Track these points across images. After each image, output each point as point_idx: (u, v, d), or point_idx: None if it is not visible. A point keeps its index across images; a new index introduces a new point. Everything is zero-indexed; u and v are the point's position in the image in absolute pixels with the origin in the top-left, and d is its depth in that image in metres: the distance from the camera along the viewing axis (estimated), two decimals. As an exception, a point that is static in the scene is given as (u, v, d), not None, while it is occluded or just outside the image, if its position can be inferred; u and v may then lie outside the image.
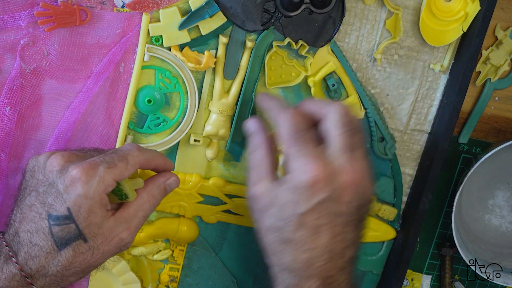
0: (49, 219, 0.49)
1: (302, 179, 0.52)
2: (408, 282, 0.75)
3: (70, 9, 0.57)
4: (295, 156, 0.53)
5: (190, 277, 0.71)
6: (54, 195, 0.50)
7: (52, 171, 0.51)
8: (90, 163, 0.50)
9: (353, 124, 0.55)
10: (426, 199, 0.67)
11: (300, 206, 0.52)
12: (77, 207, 0.49)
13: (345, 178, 0.53)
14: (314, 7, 0.61)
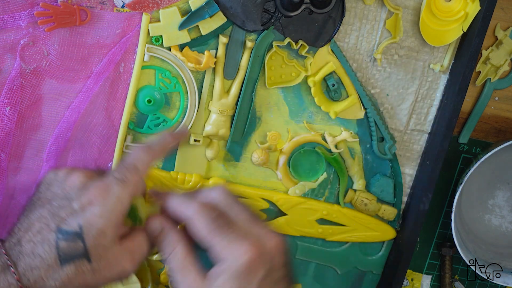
0: (57, 232, 0.49)
1: (241, 263, 0.49)
2: (408, 282, 0.75)
3: (70, 9, 0.57)
4: (224, 245, 0.51)
5: (190, 277, 0.71)
6: (68, 210, 0.50)
7: (72, 187, 0.51)
8: (105, 183, 0.51)
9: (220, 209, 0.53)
10: (426, 199, 0.67)
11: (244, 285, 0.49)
12: (89, 225, 0.49)
13: (271, 244, 0.51)
14: (314, 7, 0.61)
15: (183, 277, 0.52)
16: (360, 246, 0.72)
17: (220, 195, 0.54)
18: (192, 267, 0.53)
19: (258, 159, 0.66)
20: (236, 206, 0.53)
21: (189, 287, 0.52)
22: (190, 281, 0.52)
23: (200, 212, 0.52)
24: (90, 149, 0.63)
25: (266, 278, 0.51)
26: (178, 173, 0.66)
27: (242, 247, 0.50)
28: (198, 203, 0.53)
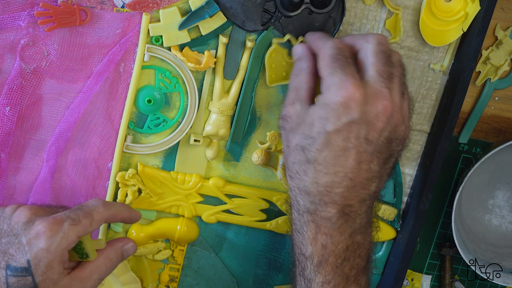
0: (7, 269, 0.50)
1: (336, 96, 0.50)
2: (408, 282, 0.75)
3: (70, 9, 0.57)
4: (333, 73, 0.51)
5: (190, 277, 0.71)
6: (16, 246, 0.51)
7: (18, 223, 0.52)
8: (55, 218, 0.52)
9: (390, 54, 0.54)
10: (426, 199, 0.67)
11: (329, 123, 0.50)
12: (37, 260, 0.50)
13: (380, 104, 0.51)
14: (314, 7, 0.61)
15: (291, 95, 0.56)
16: (360, 246, 0.72)
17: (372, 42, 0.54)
18: (304, 92, 0.55)
19: (258, 159, 0.66)
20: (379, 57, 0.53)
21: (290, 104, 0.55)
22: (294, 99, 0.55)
23: (329, 46, 0.54)
24: (90, 149, 0.63)
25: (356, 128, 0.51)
26: (178, 173, 0.66)
27: (346, 83, 0.50)
28: (333, 40, 0.55)
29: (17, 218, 0.53)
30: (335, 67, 0.52)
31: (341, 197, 0.52)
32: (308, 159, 0.52)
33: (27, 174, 0.63)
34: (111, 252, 0.57)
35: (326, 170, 0.51)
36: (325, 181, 0.52)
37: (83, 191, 0.64)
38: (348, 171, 0.51)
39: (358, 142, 0.51)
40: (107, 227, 0.67)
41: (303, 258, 0.54)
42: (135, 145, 0.64)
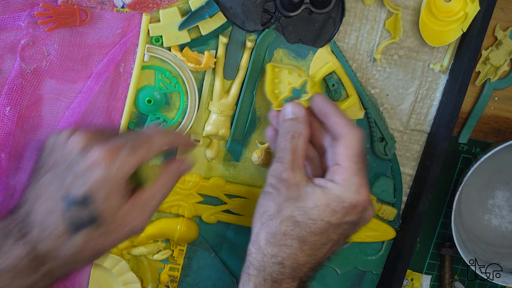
0: (65, 201, 0.48)
1: (353, 197, 0.53)
2: (408, 282, 0.75)
3: (70, 9, 0.57)
4: (357, 174, 0.54)
5: (190, 277, 0.71)
6: (73, 177, 0.48)
7: (73, 151, 0.49)
8: (113, 146, 0.49)
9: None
10: (426, 199, 0.67)
11: (335, 217, 0.53)
12: (96, 190, 0.48)
13: (371, 211, 0.55)
14: (314, 7, 0.61)
15: (291, 159, 0.55)
16: (360, 246, 0.72)
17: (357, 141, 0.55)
18: (301, 159, 0.56)
19: (258, 159, 0.66)
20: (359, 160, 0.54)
21: (291, 169, 0.55)
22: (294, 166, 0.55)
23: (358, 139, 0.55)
24: (90, 149, 0.63)
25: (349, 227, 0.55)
26: (178, 173, 0.66)
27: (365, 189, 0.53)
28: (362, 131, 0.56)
29: (72, 145, 0.49)
30: (359, 168, 0.54)
31: (305, 275, 0.55)
32: (299, 237, 0.53)
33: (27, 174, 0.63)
34: (168, 175, 0.55)
35: (310, 252, 0.54)
36: (302, 260, 0.54)
37: (83, 191, 0.64)
38: (322, 256, 0.55)
39: (341, 237, 0.55)
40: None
41: None
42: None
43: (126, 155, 0.49)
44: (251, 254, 0.54)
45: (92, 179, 0.48)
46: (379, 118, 0.67)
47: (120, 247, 0.67)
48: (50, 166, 0.50)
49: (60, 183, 0.48)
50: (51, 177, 0.49)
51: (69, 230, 0.48)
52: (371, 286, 0.74)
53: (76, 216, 0.48)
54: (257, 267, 0.54)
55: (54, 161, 0.50)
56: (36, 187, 0.50)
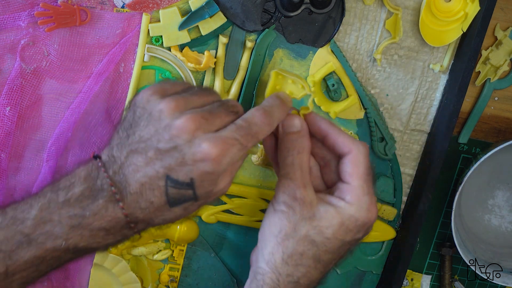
0: (167, 179, 0.47)
1: (366, 216, 0.54)
2: (408, 282, 0.75)
3: (70, 9, 0.57)
4: (368, 193, 0.54)
5: (190, 277, 0.71)
6: (178, 161, 0.47)
7: (179, 136, 0.47)
8: (225, 142, 0.48)
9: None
10: (426, 199, 0.67)
11: (349, 235, 0.54)
12: (201, 180, 0.48)
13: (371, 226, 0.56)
14: (314, 7, 0.61)
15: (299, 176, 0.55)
16: (360, 246, 0.72)
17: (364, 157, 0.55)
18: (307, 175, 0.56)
19: (258, 159, 0.66)
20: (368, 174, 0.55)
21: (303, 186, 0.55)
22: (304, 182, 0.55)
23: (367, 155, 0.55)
24: (90, 149, 0.63)
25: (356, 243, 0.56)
26: (178, 173, 0.66)
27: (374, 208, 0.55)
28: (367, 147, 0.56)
29: (178, 131, 0.47)
30: (369, 186, 0.55)
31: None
32: (315, 256, 0.54)
33: (27, 174, 0.63)
34: None
35: (323, 269, 0.55)
36: (316, 277, 0.55)
37: (83, 191, 0.64)
38: (329, 270, 0.56)
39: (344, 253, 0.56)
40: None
41: None
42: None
43: (237, 150, 0.49)
44: (266, 273, 0.54)
45: (199, 171, 0.47)
46: (379, 118, 0.67)
47: (120, 247, 0.67)
48: (148, 137, 0.48)
49: (163, 161, 0.47)
50: (153, 151, 0.47)
51: (170, 204, 0.49)
52: (371, 286, 0.74)
53: (179, 194, 0.48)
54: (271, 286, 0.54)
55: (154, 133, 0.48)
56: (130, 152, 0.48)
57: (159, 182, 0.48)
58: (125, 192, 0.48)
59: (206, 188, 0.49)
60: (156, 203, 0.48)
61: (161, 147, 0.47)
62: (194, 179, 0.48)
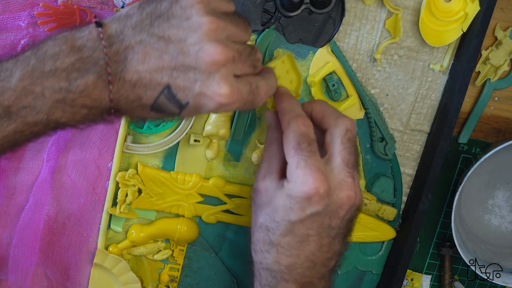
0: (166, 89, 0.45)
1: (301, 190, 0.53)
2: (408, 282, 0.75)
3: (70, 10, 0.57)
4: (297, 166, 0.53)
5: (190, 277, 0.71)
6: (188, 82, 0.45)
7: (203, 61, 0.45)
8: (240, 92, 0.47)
9: (355, 143, 0.57)
10: (426, 199, 0.67)
11: (293, 214, 0.53)
12: (194, 109, 0.47)
13: (344, 194, 0.54)
14: (314, 7, 0.61)
15: (264, 168, 0.57)
16: (360, 246, 0.72)
17: (343, 128, 0.55)
18: (275, 165, 0.57)
19: (258, 159, 0.66)
20: (346, 146, 0.55)
21: (261, 178, 0.57)
22: (265, 173, 0.57)
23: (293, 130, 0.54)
24: (90, 149, 0.63)
25: (319, 219, 0.54)
26: (178, 173, 0.66)
27: (310, 177, 0.52)
28: (297, 120, 0.54)
29: (204, 56, 0.45)
30: (299, 159, 0.53)
31: (301, 276, 0.55)
32: (271, 241, 0.55)
33: (27, 174, 0.63)
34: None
35: (289, 253, 0.54)
36: (286, 262, 0.54)
37: (83, 191, 0.64)
38: (309, 254, 0.54)
39: (321, 229, 0.54)
40: (107, 227, 0.67)
41: None
42: (135, 145, 0.64)
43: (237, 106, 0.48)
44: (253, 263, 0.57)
45: (200, 102, 0.46)
46: (379, 118, 0.67)
47: (120, 247, 0.67)
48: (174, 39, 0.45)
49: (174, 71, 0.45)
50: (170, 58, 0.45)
51: (151, 108, 0.47)
52: (371, 286, 0.74)
53: (166, 106, 0.46)
54: (255, 275, 0.57)
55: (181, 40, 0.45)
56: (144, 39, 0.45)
57: (157, 86, 0.45)
58: (119, 76, 0.45)
59: (191, 114, 0.48)
60: (144, 100, 0.46)
61: (181, 60, 0.45)
62: (189, 105, 0.46)
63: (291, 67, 0.63)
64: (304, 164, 0.53)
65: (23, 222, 0.64)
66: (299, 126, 0.54)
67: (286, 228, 0.54)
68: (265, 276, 0.56)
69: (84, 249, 0.66)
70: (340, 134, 0.55)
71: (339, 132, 0.55)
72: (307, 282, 0.55)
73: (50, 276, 0.66)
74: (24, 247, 0.65)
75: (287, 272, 0.55)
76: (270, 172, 0.57)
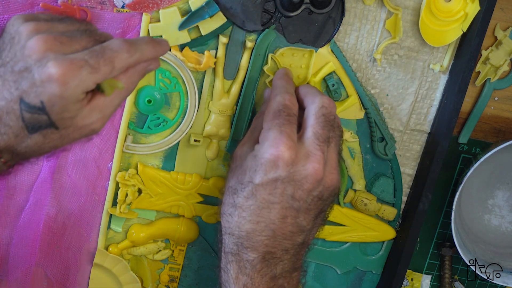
0: (21, 103, 0.46)
1: (266, 152, 0.53)
2: (408, 282, 0.75)
3: (70, 9, 0.57)
4: (270, 129, 0.54)
5: (190, 277, 0.71)
6: (29, 82, 0.46)
7: (30, 56, 0.46)
8: (72, 62, 0.45)
9: (331, 119, 0.56)
10: (426, 199, 0.67)
11: (257, 176, 0.54)
12: (51, 103, 0.46)
13: (311, 166, 0.54)
14: (314, 7, 0.61)
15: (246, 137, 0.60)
16: (360, 246, 0.72)
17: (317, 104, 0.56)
18: (256, 135, 0.57)
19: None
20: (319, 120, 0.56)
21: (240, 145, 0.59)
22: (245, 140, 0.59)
23: (277, 101, 0.56)
24: (90, 149, 0.63)
25: (282, 186, 0.53)
26: (178, 173, 0.66)
27: (278, 141, 0.53)
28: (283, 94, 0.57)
29: (29, 51, 0.46)
30: (274, 124, 0.54)
31: (261, 244, 0.55)
32: (235, 204, 0.55)
33: (27, 174, 0.63)
34: (134, 74, 0.51)
35: (250, 218, 0.54)
36: (247, 228, 0.54)
37: (83, 191, 0.64)
38: (270, 223, 0.54)
39: (284, 198, 0.54)
40: (107, 227, 0.67)
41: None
42: (135, 145, 0.64)
43: (87, 73, 0.46)
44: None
45: (48, 93, 0.46)
46: (379, 118, 0.67)
47: (120, 247, 0.67)
48: (8, 60, 0.47)
49: (17, 83, 0.46)
50: (9, 72, 0.46)
51: (28, 130, 0.47)
52: (371, 286, 0.74)
53: (34, 119, 0.47)
54: (220, 241, 0.58)
55: (13, 56, 0.47)
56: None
57: (14, 105, 0.46)
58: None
59: (60, 114, 0.47)
60: (14, 127, 0.46)
61: (16, 69, 0.46)
62: (43, 102, 0.46)
63: (306, 65, 0.63)
64: (278, 128, 0.54)
65: (23, 222, 0.64)
66: (285, 99, 0.56)
67: (249, 191, 0.54)
68: (228, 242, 0.56)
69: (84, 249, 0.66)
70: (314, 109, 0.56)
71: (314, 107, 0.56)
72: (268, 252, 0.55)
73: (50, 276, 0.66)
74: (24, 247, 0.65)
75: (246, 238, 0.55)
76: (250, 140, 0.58)
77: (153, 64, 0.52)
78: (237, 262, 0.55)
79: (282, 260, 0.56)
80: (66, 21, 0.49)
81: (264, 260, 0.55)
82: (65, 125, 0.48)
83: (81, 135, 0.50)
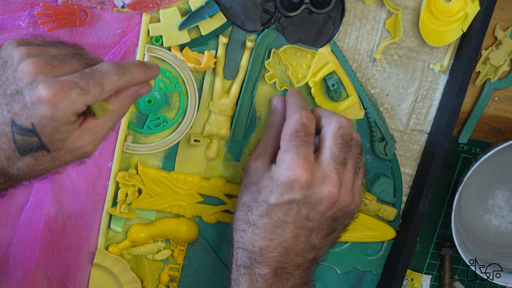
0: (13, 126, 0.47)
1: (283, 174, 0.54)
2: (408, 282, 0.75)
3: (70, 9, 0.57)
4: (287, 151, 0.55)
5: (190, 277, 0.71)
6: (20, 105, 0.46)
7: (22, 79, 0.46)
8: (62, 84, 0.46)
9: (348, 140, 0.57)
10: (426, 199, 0.67)
11: (273, 197, 0.55)
12: (42, 125, 0.47)
13: (326, 189, 0.55)
14: (314, 7, 0.61)
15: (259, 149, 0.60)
16: (360, 246, 0.72)
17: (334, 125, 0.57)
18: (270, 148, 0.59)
19: (258, 159, 0.66)
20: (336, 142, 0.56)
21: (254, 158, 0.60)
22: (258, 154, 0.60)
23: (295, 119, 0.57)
24: (90, 149, 0.63)
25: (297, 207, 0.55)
26: (178, 173, 0.66)
27: (295, 163, 0.54)
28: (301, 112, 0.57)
29: (21, 74, 0.46)
30: (291, 145, 0.55)
31: (274, 260, 0.56)
32: (249, 221, 0.56)
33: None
34: (125, 98, 0.52)
35: (263, 235, 0.56)
36: (260, 244, 0.56)
37: (83, 191, 0.64)
38: (283, 241, 0.55)
39: (298, 218, 0.55)
40: (107, 227, 0.67)
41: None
42: (135, 145, 0.64)
43: (76, 95, 0.47)
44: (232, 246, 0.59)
45: (38, 115, 0.46)
46: (379, 118, 0.67)
47: (120, 247, 0.67)
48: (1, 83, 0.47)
49: (9, 106, 0.47)
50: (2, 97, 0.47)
51: (20, 152, 0.48)
52: (371, 286, 0.74)
53: (25, 141, 0.47)
54: (232, 254, 0.59)
55: (5, 80, 0.47)
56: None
57: (6, 128, 0.47)
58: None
59: (51, 136, 0.47)
60: (6, 150, 0.47)
61: (8, 92, 0.47)
62: (34, 124, 0.46)
63: (308, 65, 0.64)
64: (294, 150, 0.55)
65: (23, 222, 0.64)
66: (303, 117, 0.57)
67: (264, 210, 0.55)
68: (241, 256, 0.57)
69: (84, 249, 0.66)
70: (332, 129, 0.57)
71: (331, 128, 0.57)
72: (280, 267, 0.56)
73: (50, 276, 0.66)
74: (24, 247, 0.65)
75: (260, 254, 0.56)
76: (263, 154, 0.59)
77: (144, 88, 0.53)
78: (249, 275, 0.56)
79: (293, 275, 0.57)
80: (58, 45, 0.50)
81: (276, 275, 0.56)
82: (56, 148, 0.48)
83: (73, 158, 0.50)
